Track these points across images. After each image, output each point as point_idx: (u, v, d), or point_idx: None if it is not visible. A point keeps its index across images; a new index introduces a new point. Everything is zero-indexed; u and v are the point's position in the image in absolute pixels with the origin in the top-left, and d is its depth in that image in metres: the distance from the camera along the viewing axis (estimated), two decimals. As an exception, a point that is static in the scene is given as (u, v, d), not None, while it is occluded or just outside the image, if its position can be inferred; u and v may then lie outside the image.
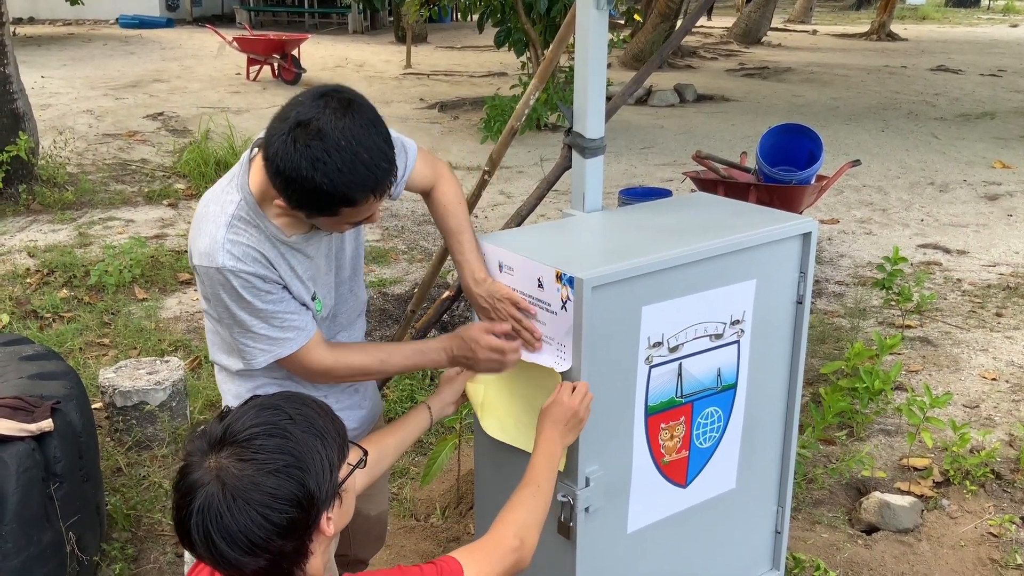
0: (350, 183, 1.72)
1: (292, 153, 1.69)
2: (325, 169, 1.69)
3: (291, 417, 1.44)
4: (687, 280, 2.13)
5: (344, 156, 1.70)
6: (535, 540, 1.77)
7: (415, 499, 3.45)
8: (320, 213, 1.79)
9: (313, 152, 1.68)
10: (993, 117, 11.48)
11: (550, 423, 1.93)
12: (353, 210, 1.79)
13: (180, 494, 1.40)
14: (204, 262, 1.84)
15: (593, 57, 2.33)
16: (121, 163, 8.57)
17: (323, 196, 1.73)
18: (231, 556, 1.37)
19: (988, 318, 5.25)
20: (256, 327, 1.89)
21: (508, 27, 9.65)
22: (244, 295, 1.85)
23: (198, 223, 1.89)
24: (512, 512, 1.77)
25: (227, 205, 1.87)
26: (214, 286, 1.86)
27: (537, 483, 1.83)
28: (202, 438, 1.44)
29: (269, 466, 1.38)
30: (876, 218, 7.25)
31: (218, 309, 1.91)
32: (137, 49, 17.10)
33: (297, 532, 1.40)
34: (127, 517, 3.30)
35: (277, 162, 1.71)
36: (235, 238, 1.84)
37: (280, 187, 1.75)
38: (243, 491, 1.36)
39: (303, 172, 1.69)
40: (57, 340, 4.65)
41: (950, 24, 26.26)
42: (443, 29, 21.95)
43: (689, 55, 17.10)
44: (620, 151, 9.28)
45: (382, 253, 6.22)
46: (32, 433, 2.63)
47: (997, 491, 3.52)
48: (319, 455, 1.43)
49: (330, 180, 1.70)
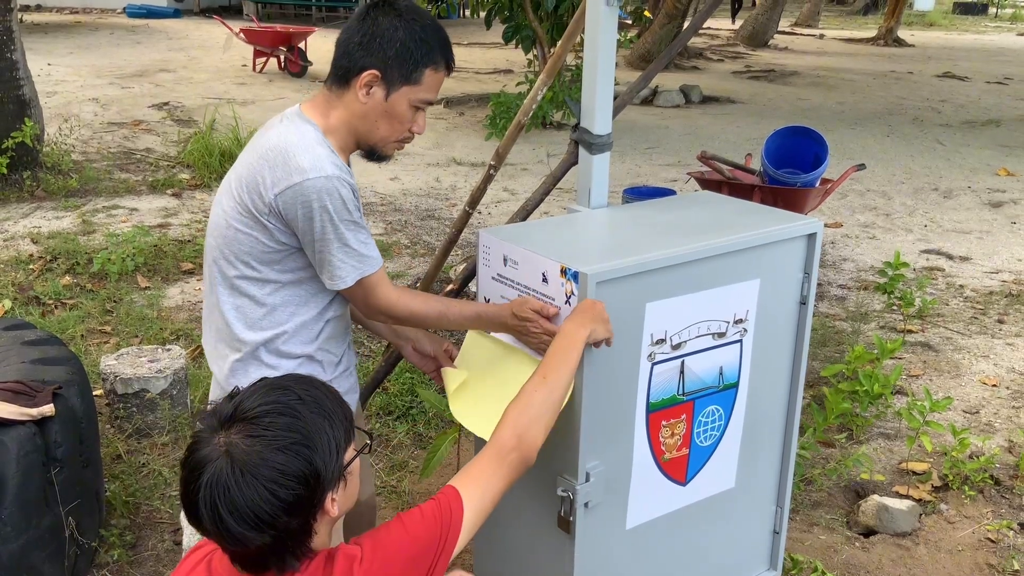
0: (435, 40, 1.99)
1: (390, 14, 1.96)
2: (418, 22, 1.97)
3: (300, 398, 1.47)
4: (691, 278, 2.13)
5: (432, 20, 2.01)
6: (537, 434, 1.74)
7: (414, 492, 3.46)
8: (407, 76, 1.97)
9: (409, 11, 1.97)
10: (999, 125, 11.47)
11: (568, 317, 1.91)
12: (433, 75, 2.00)
13: (189, 469, 1.42)
14: (312, 174, 1.92)
15: (602, 53, 2.33)
16: (126, 152, 8.57)
17: (417, 44, 1.96)
18: (237, 531, 1.38)
19: (990, 324, 5.25)
20: (351, 241, 1.98)
21: (516, 24, 9.65)
22: (348, 205, 1.96)
23: (282, 153, 1.95)
24: (512, 409, 1.76)
25: (305, 132, 1.99)
26: (321, 198, 1.92)
27: (544, 374, 1.81)
28: (212, 416, 1.45)
29: (278, 443, 1.40)
30: (880, 223, 7.25)
31: (317, 227, 1.95)
32: (144, 39, 17.09)
33: (303, 510, 1.42)
34: (126, 504, 3.31)
35: (374, 27, 1.95)
36: (332, 155, 1.98)
37: (375, 48, 1.95)
38: (252, 466, 1.38)
39: (399, 21, 1.95)
40: (59, 327, 4.65)
41: (957, 31, 26.23)
42: (450, 25, 21.92)
43: (695, 56, 17.09)
44: (625, 151, 9.28)
45: (385, 247, 6.22)
46: (33, 417, 2.63)
47: (996, 497, 3.52)
48: (327, 435, 1.45)
49: (424, 29, 1.97)
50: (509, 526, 2.33)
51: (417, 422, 3.90)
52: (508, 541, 2.37)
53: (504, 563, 2.44)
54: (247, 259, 2.04)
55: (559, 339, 1.87)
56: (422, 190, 7.79)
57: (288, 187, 1.92)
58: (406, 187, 7.84)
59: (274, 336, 2.09)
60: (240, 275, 2.06)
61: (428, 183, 7.99)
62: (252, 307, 2.08)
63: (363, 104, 1.99)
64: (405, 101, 2.00)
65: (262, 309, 2.08)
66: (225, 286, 2.09)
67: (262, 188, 1.95)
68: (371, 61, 1.96)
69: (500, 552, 2.43)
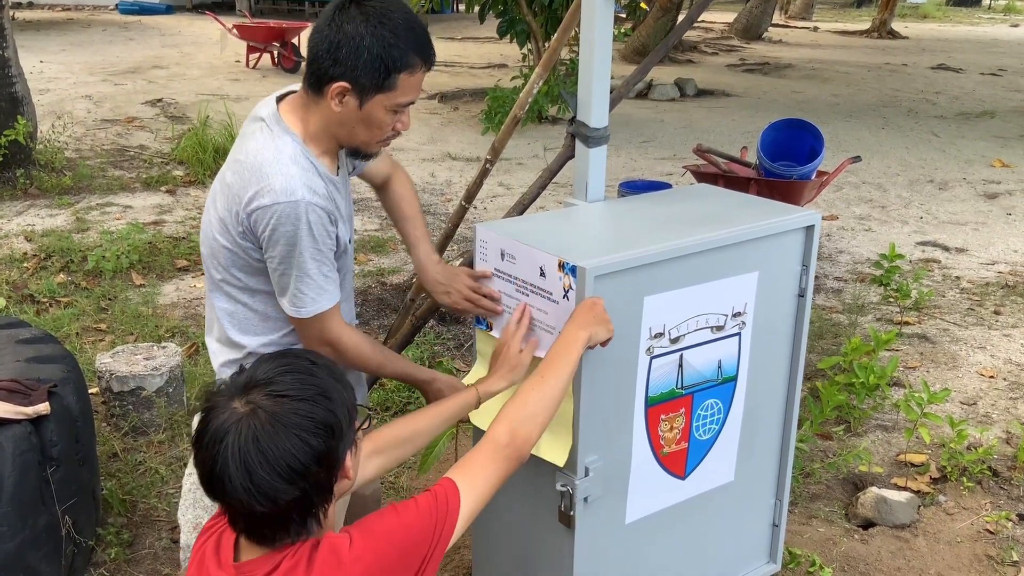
0: (411, 42, 1.86)
1: (355, 19, 1.83)
2: (390, 25, 1.84)
3: (312, 361, 1.52)
4: (690, 271, 2.12)
5: (403, 17, 1.86)
6: (531, 432, 1.75)
7: (412, 488, 3.45)
8: (380, 84, 1.86)
9: (375, 13, 1.83)
10: (993, 116, 11.48)
11: (569, 319, 1.91)
12: (409, 78, 1.89)
13: (208, 436, 1.42)
14: (282, 198, 1.86)
15: (598, 45, 2.32)
16: (119, 149, 8.54)
17: (388, 52, 1.84)
18: (269, 486, 1.39)
19: (986, 316, 5.25)
20: (312, 271, 1.94)
21: (511, 18, 9.63)
22: (315, 231, 1.90)
23: (256, 170, 1.90)
24: (509, 406, 1.77)
25: (282, 147, 1.92)
26: (289, 223, 1.88)
27: (542, 374, 1.81)
28: (222, 390, 1.47)
29: (301, 394, 1.44)
30: (875, 215, 7.25)
31: (282, 251, 1.91)
32: (136, 35, 17.03)
33: (329, 461, 1.45)
34: (123, 502, 3.29)
35: (340, 34, 1.83)
36: (306, 174, 1.91)
37: (344, 58, 1.83)
38: (281, 416, 1.41)
39: (371, 28, 1.82)
40: (54, 325, 4.63)
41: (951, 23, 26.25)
42: (444, 20, 21.90)
43: (690, 50, 17.08)
44: (620, 144, 9.27)
45: (380, 243, 6.21)
46: (29, 416, 2.62)
47: (994, 488, 3.52)
48: (340, 393, 1.49)
49: (395, 35, 1.84)
50: (509, 521, 2.32)
51: (414, 418, 3.89)
52: (508, 536, 2.36)
53: (504, 558, 2.43)
54: (233, 271, 2.03)
55: (560, 341, 1.87)
56: (417, 185, 7.76)
57: (258, 208, 1.89)
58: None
59: (269, 342, 2.09)
60: (229, 283, 2.06)
61: (423, 178, 7.97)
62: (246, 313, 2.08)
63: (338, 113, 1.91)
64: (381, 108, 1.91)
65: (255, 315, 2.08)
66: (218, 292, 2.09)
67: (237, 206, 1.93)
68: (339, 71, 1.85)
69: (500, 547, 2.43)
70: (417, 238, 2.29)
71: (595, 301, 1.92)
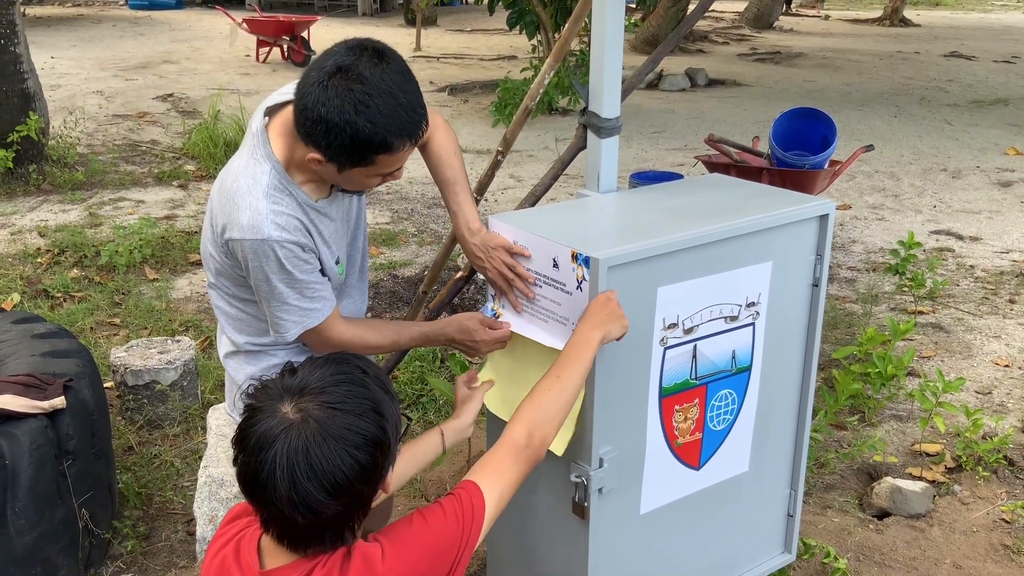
0: (391, 127, 1.75)
1: (334, 98, 1.71)
2: (368, 113, 1.72)
3: (364, 371, 1.50)
4: (703, 261, 2.11)
5: (385, 100, 1.73)
6: (548, 434, 1.76)
7: (426, 480, 3.46)
8: (357, 162, 1.80)
9: (356, 96, 1.71)
10: (1007, 104, 11.39)
11: (583, 318, 1.90)
12: (390, 157, 1.80)
13: (255, 440, 1.39)
14: (248, 235, 1.85)
15: (610, 35, 2.31)
16: (131, 144, 8.57)
17: (365, 141, 1.75)
18: (314, 497, 1.37)
19: (1001, 305, 5.22)
20: (291, 298, 1.92)
21: (520, 9, 9.61)
22: (286, 265, 1.88)
23: (231, 198, 1.89)
24: (524, 407, 1.77)
25: (260, 176, 1.88)
26: (257, 259, 1.87)
27: (557, 374, 1.81)
28: (270, 391, 1.45)
29: (354, 409, 1.42)
30: (888, 204, 7.21)
31: (257, 281, 1.92)
32: (147, 30, 17.07)
33: (374, 477, 1.44)
34: (139, 495, 3.31)
35: (319, 109, 1.72)
36: (276, 208, 1.86)
37: (319, 136, 1.75)
38: (335, 430, 1.39)
39: (347, 116, 1.71)
40: (68, 319, 4.66)
41: (963, 10, 26.04)
42: (453, 12, 21.85)
43: (700, 39, 16.99)
44: (631, 135, 9.24)
45: (392, 236, 6.21)
46: (44, 410, 2.64)
47: (1009, 477, 3.51)
48: (390, 408, 1.48)
49: (372, 124, 1.73)
50: (524, 513, 2.32)
51: (427, 410, 3.90)
52: (523, 528, 2.36)
53: (519, 549, 2.43)
54: (222, 279, 2.05)
55: (574, 339, 1.87)
56: (428, 178, 7.73)
57: (229, 239, 1.90)
58: (412, 175, 7.81)
59: (262, 341, 2.12)
60: (220, 288, 2.08)
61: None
62: (239, 314, 2.10)
63: (317, 170, 1.87)
64: (360, 176, 1.86)
65: (249, 316, 2.09)
66: (214, 291, 2.13)
67: (217, 229, 1.95)
68: (315, 143, 1.77)
69: (515, 539, 2.43)
70: (457, 204, 2.16)
71: (609, 296, 1.91)
